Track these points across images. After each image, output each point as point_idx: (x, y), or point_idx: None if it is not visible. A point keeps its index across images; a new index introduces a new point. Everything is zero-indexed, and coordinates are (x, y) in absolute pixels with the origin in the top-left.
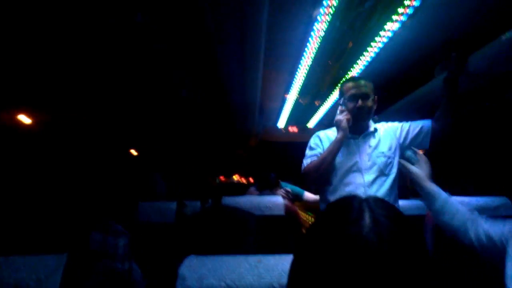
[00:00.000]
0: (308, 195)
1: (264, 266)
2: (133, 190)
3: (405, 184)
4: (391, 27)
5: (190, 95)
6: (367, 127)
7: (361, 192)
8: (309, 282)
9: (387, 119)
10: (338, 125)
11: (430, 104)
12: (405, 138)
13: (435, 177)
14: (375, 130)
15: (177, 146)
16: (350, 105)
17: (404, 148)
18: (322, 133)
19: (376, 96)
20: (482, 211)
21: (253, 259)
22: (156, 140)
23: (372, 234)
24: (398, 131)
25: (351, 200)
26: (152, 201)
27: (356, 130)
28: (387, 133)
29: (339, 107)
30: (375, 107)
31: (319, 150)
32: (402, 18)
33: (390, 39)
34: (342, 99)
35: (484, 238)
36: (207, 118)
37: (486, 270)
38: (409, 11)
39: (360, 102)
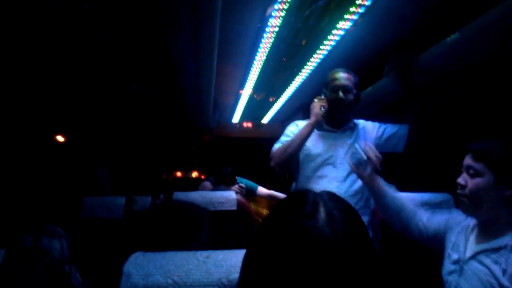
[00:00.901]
0: (262, 190)
1: (213, 261)
2: (74, 187)
3: None
4: (343, 25)
5: (142, 88)
6: (347, 122)
7: (334, 186)
8: (262, 276)
9: None
10: (311, 110)
11: (379, 102)
12: (380, 138)
13: (385, 172)
14: (355, 125)
15: (127, 141)
16: (331, 96)
17: (379, 147)
18: (300, 122)
19: (358, 93)
20: (426, 206)
21: (201, 255)
22: (104, 135)
23: (327, 227)
24: (375, 130)
25: (306, 194)
26: (98, 196)
27: (336, 124)
28: (366, 131)
29: (316, 96)
30: (356, 103)
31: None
32: (354, 17)
33: (342, 37)
34: (325, 89)
35: (424, 231)
36: (159, 112)
37: (428, 263)
38: (360, 10)
39: (340, 94)
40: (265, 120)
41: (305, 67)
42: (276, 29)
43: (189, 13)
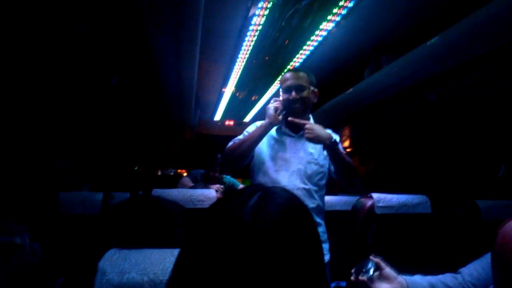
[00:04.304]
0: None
1: None
2: (46, 183)
3: (332, 180)
4: (326, 26)
5: (122, 83)
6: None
7: None
8: (192, 270)
9: (319, 118)
10: (266, 112)
11: (360, 103)
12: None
13: (365, 177)
14: None
15: (106, 137)
16: (284, 96)
17: (324, 158)
18: (259, 123)
19: (315, 89)
20: (403, 207)
21: (178, 252)
22: (83, 131)
23: (249, 214)
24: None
25: (250, 186)
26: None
27: (294, 127)
28: None
29: (273, 98)
30: (313, 100)
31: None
32: (337, 18)
33: (325, 38)
34: (280, 90)
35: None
36: (139, 108)
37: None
38: (343, 12)
39: (293, 93)
40: (248, 118)
41: (287, 66)
42: (260, 27)
43: (171, 8)
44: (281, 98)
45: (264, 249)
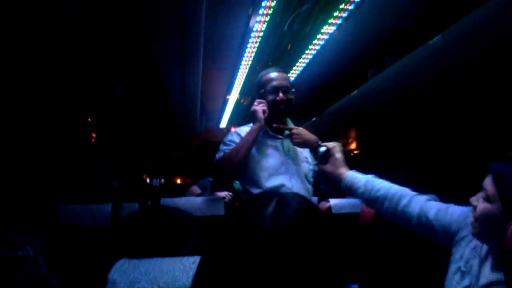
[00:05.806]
0: None
1: None
2: (43, 195)
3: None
4: (328, 30)
5: (127, 94)
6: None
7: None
8: (214, 275)
9: (324, 121)
10: (253, 116)
11: (365, 105)
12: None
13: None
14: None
15: (113, 147)
16: (270, 97)
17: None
18: (239, 130)
19: (293, 90)
20: None
21: (188, 260)
22: (89, 140)
23: (268, 220)
24: None
25: (266, 192)
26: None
27: (279, 129)
28: None
29: (256, 100)
30: (294, 102)
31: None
32: (338, 21)
33: (327, 41)
34: (262, 90)
35: (432, 220)
36: (146, 118)
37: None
38: (344, 14)
39: (281, 94)
40: None
41: (291, 71)
42: (261, 33)
43: (173, 19)
44: (258, 100)
45: (284, 254)
